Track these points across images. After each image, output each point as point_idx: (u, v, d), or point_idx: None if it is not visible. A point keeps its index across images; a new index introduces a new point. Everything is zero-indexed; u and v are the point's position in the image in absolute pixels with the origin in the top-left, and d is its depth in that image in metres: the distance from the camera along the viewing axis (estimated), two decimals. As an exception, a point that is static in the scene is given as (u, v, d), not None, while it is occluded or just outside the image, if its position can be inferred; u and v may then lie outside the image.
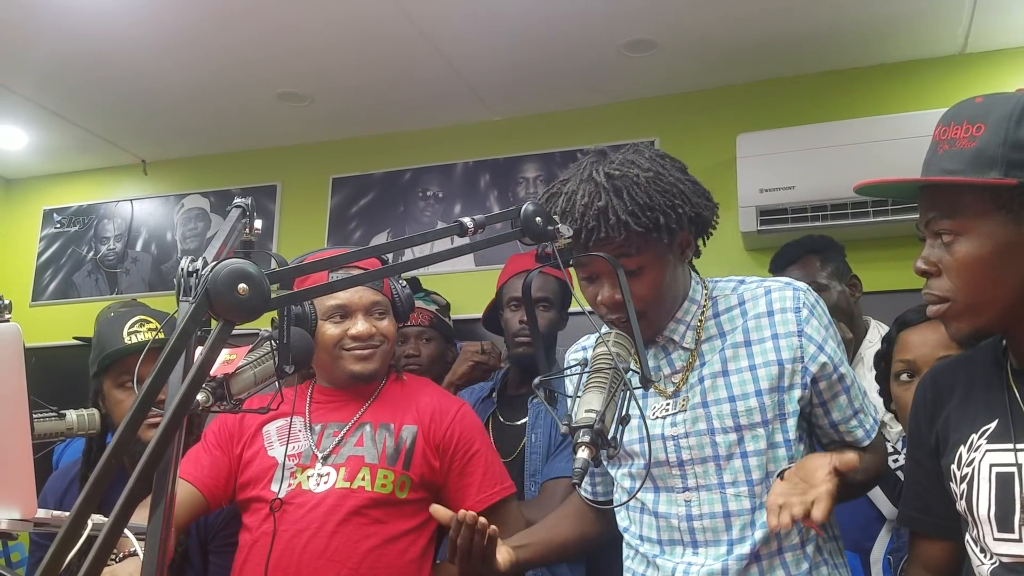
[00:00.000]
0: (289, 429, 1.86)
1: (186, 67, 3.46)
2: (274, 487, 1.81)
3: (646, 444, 1.53)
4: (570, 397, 1.20)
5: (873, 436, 1.56)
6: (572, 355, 1.74)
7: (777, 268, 2.54)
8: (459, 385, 2.61)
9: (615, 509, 1.65)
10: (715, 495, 1.49)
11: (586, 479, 1.70)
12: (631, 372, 1.19)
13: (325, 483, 1.81)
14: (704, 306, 1.58)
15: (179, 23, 3.13)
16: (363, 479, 1.81)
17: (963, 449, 1.20)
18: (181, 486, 1.80)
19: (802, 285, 1.56)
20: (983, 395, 1.22)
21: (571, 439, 1.10)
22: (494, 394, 2.56)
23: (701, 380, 1.53)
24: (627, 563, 1.62)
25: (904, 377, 1.71)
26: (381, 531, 1.79)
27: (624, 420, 1.14)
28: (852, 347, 2.34)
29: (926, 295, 1.20)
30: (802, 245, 2.51)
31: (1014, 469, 1.13)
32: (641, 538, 1.56)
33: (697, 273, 1.63)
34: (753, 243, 3.33)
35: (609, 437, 1.10)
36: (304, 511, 1.78)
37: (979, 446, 1.18)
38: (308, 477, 1.82)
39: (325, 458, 1.83)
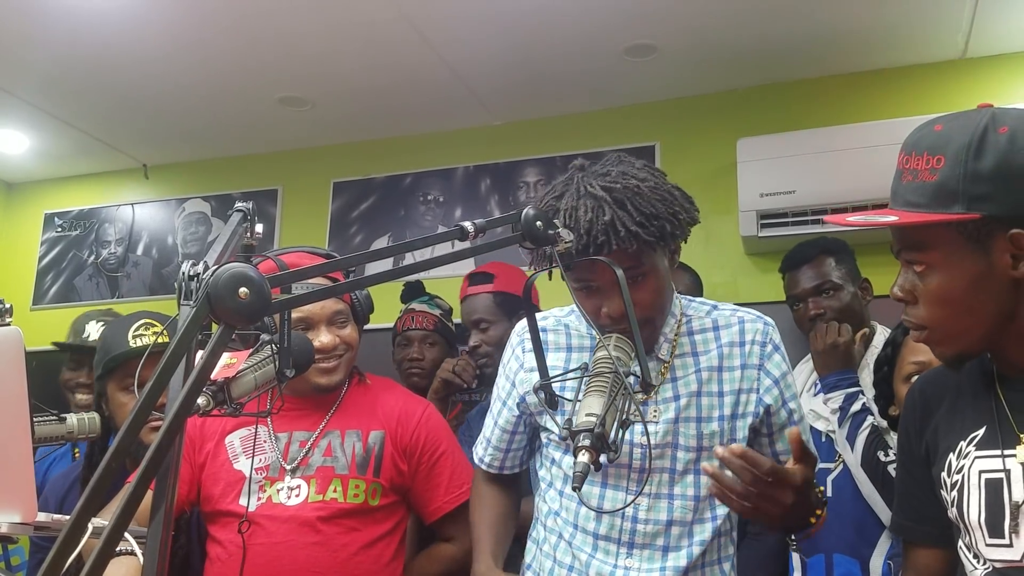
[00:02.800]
0: (254, 440, 1.85)
1: (187, 71, 3.46)
2: (243, 501, 1.79)
3: (646, 448, 1.53)
4: (569, 400, 1.20)
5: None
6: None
7: (790, 267, 2.53)
8: (433, 400, 2.57)
9: (542, 490, 1.66)
10: (663, 503, 1.53)
11: (496, 454, 1.75)
12: (631, 376, 1.19)
13: (297, 496, 1.80)
14: (679, 320, 1.61)
15: (180, 27, 3.14)
16: (335, 491, 1.81)
17: (952, 457, 1.21)
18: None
19: (771, 321, 1.64)
20: (971, 402, 1.23)
21: (571, 442, 1.10)
22: None
23: (677, 398, 1.55)
24: (544, 547, 1.62)
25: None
26: (356, 539, 1.80)
27: (624, 424, 1.14)
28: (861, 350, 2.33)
29: (905, 321, 1.22)
30: (816, 245, 2.51)
31: (1003, 475, 1.13)
32: (575, 527, 1.56)
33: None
34: (753, 247, 3.33)
35: (610, 441, 1.10)
36: (277, 524, 1.78)
37: (968, 453, 1.19)
38: (278, 490, 1.81)
39: (294, 470, 1.82)
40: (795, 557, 2.27)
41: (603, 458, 1.11)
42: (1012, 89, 3.19)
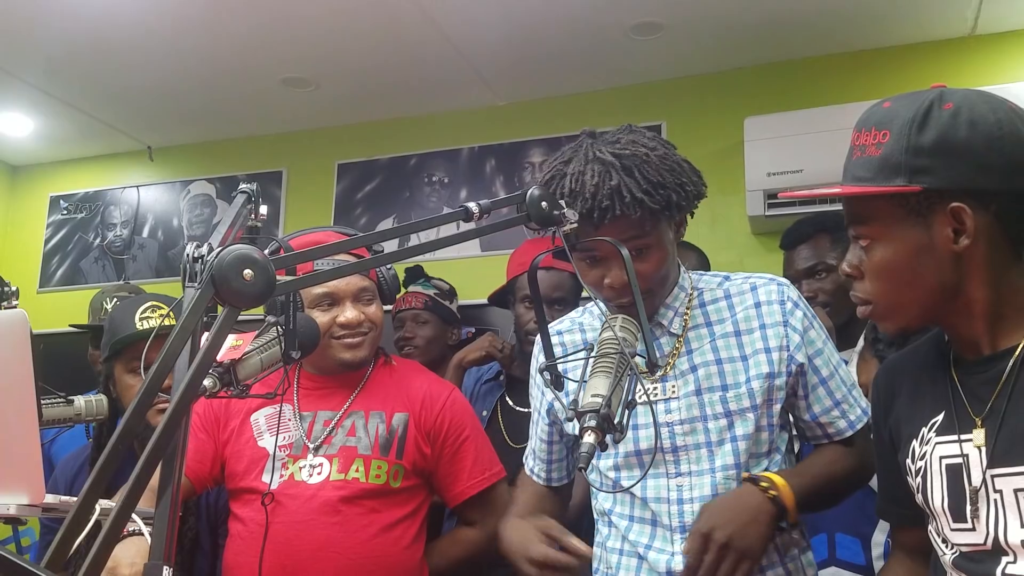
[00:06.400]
0: (279, 418, 1.85)
1: (191, 53, 3.45)
2: (265, 478, 1.80)
3: (652, 430, 1.53)
4: (576, 381, 1.20)
5: (858, 427, 1.57)
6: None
7: (788, 245, 2.50)
8: (466, 367, 2.64)
9: (594, 492, 1.65)
10: (706, 479, 1.51)
11: (542, 465, 1.74)
12: (637, 356, 1.19)
13: (319, 474, 1.80)
14: (691, 295, 1.60)
15: (183, 9, 3.12)
16: (357, 471, 1.81)
17: (915, 443, 1.22)
18: None
19: (785, 281, 1.62)
20: (930, 388, 1.24)
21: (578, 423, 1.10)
22: (502, 377, 2.56)
23: (694, 368, 1.54)
24: (610, 543, 1.61)
25: None
26: (377, 520, 1.80)
27: (630, 405, 1.14)
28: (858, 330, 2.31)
29: (852, 296, 1.24)
30: (814, 222, 2.44)
31: (961, 460, 1.14)
32: (631, 519, 1.56)
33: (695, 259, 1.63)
34: (760, 227, 3.32)
35: (615, 422, 1.10)
36: (299, 503, 1.78)
37: (929, 439, 1.19)
38: (300, 468, 1.81)
39: (317, 448, 1.83)
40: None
41: (609, 438, 1.11)
42: (1021, 66, 3.16)
